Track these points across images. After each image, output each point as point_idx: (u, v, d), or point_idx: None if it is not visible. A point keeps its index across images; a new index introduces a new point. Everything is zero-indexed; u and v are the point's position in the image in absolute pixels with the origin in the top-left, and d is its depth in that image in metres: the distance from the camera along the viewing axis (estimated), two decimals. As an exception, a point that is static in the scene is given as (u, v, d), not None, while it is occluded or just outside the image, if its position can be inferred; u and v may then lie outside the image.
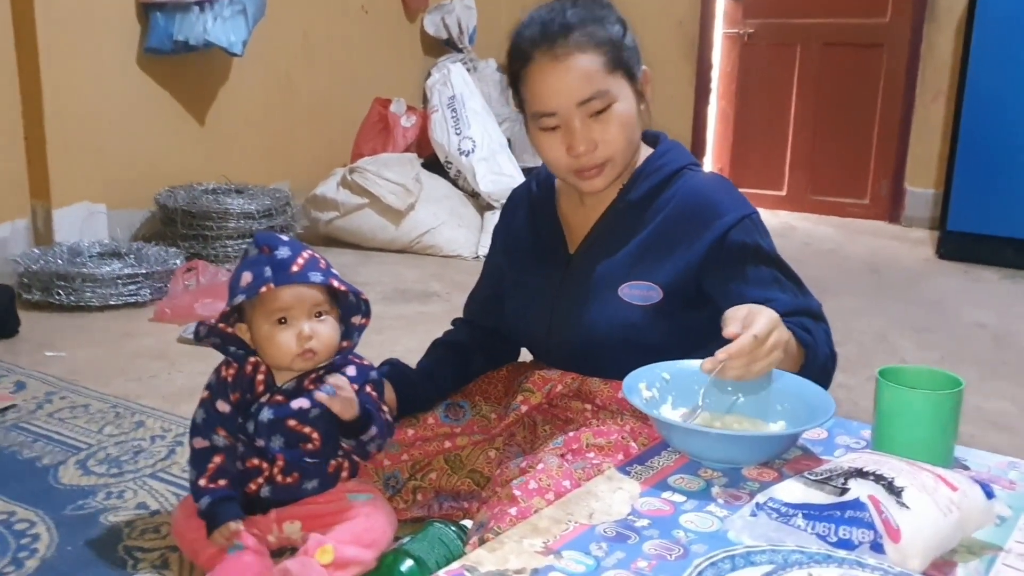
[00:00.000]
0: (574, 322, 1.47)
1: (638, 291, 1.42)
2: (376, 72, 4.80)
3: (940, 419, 1.06)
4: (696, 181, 1.46)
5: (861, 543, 0.85)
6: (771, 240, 1.44)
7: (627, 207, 1.47)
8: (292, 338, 1.38)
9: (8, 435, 2.05)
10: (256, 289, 1.34)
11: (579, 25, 1.37)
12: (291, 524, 1.45)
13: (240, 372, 1.44)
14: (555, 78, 1.37)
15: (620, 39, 1.40)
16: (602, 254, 1.47)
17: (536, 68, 1.38)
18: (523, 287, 1.57)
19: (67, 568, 1.51)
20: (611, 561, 0.88)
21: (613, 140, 1.39)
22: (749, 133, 5.34)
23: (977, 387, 2.46)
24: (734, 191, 1.47)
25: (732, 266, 1.39)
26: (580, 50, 1.36)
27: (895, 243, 4.51)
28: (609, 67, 1.37)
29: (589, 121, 1.38)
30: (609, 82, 1.37)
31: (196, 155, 3.97)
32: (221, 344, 1.44)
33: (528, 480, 1.25)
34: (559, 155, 1.41)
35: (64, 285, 3.02)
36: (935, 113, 4.71)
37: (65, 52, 3.42)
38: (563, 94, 1.37)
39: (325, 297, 1.41)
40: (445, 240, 3.99)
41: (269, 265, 1.36)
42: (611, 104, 1.37)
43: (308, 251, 1.41)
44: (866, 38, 4.90)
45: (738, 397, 1.21)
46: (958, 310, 3.34)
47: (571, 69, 1.36)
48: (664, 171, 1.47)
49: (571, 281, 1.49)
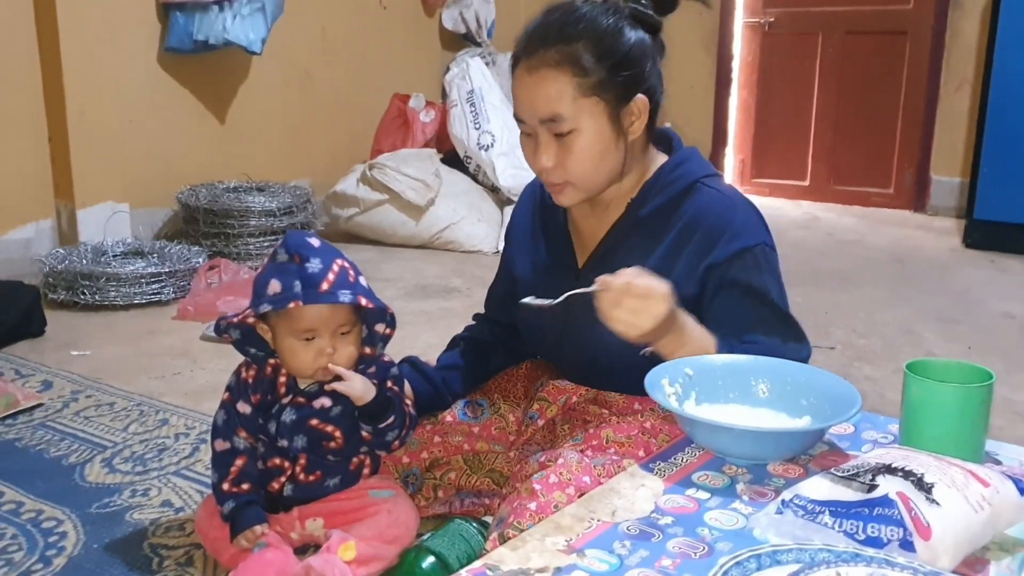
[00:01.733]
0: (585, 340, 1.44)
1: None
2: (395, 68, 4.80)
3: (970, 413, 1.04)
4: (706, 201, 1.39)
5: (890, 541, 0.83)
6: (772, 275, 1.37)
7: (639, 222, 1.42)
8: (313, 355, 1.37)
9: (35, 434, 2.07)
10: (283, 304, 1.32)
11: (562, 40, 1.31)
12: (313, 521, 1.46)
13: (260, 373, 1.44)
14: (523, 89, 1.34)
15: (610, 63, 1.31)
16: (613, 270, 1.39)
17: (516, 73, 1.36)
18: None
19: (94, 566, 1.53)
20: (635, 559, 0.87)
21: (573, 167, 1.34)
22: (771, 123, 5.30)
23: (1005, 379, 2.43)
24: (745, 215, 1.39)
25: (719, 302, 1.35)
26: (551, 67, 1.31)
27: (920, 233, 4.46)
28: (581, 91, 1.31)
29: (553, 140, 1.34)
30: (576, 107, 1.31)
31: (217, 154, 3.99)
32: (241, 343, 1.43)
33: (548, 474, 1.24)
34: (531, 161, 1.39)
35: (88, 284, 3.05)
36: (960, 101, 4.65)
37: (87, 53, 3.45)
38: (527, 107, 1.34)
39: (352, 316, 1.39)
40: (465, 235, 3.99)
41: (299, 279, 1.33)
42: (573, 131, 1.32)
43: (339, 261, 1.37)
44: (889, 25, 4.85)
45: (762, 391, 1.20)
46: (985, 300, 3.30)
47: (538, 84, 1.32)
48: (677, 185, 1.41)
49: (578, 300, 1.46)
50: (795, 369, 1.21)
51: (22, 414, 2.17)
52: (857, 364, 2.54)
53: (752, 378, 1.21)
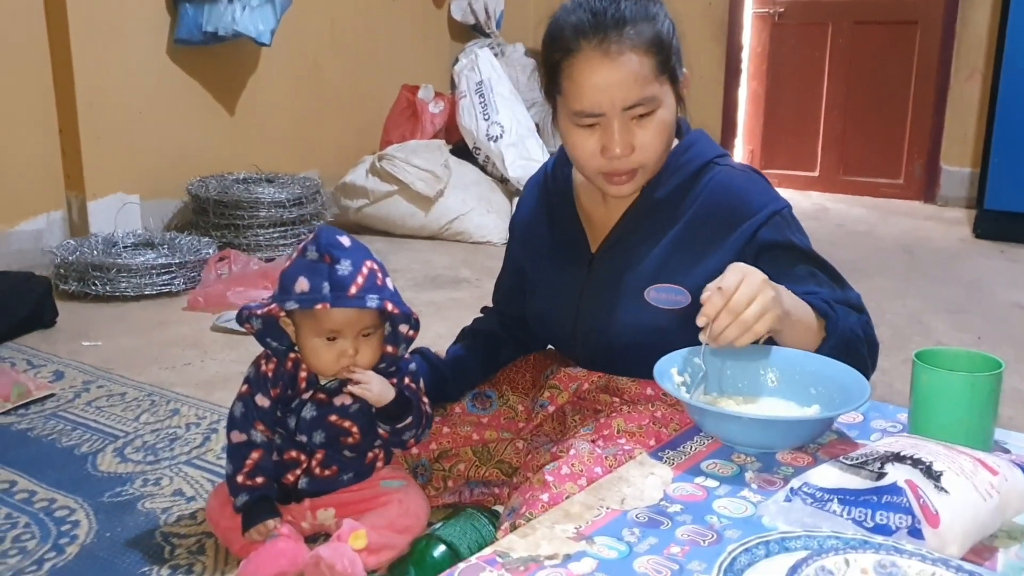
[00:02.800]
0: (600, 326, 1.43)
1: (665, 295, 1.37)
2: (404, 59, 4.80)
3: (979, 402, 1.04)
4: (724, 177, 1.39)
5: (899, 528, 0.83)
6: (804, 235, 1.39)
7: (653, 205, 1.41)
8: (335, 355, 1.37)
9: (47, 423, 2.08)
10: (311, 304, 1.32)
11: (633, 21, 1.29)
12: (325, 512, 1.47)
13: (280, 367, 1.44)
14: (603, 76, 1.28)
15: (670, 40, 1.32)
16: (627, 255, 1.42)
17: (583, 60, 1.29)
18: (544, 287, 1.52)
19: (106, 554, 1.54)
20: (644, 547, 0.88)
21: (650, 146, 1.33)
22: (780, 114, 5.28)
23: (1015, 368, 2.42)
24: (764, 185, 1.41)
25: (765, 266, 1.32)
26: (633, 49, 1.28)
27: (930, 223, 4.44)
28: (658, 70, 1.30)
29: (630, 124, 1.31)
30: (656, 87, 1.30)
31: (227, 145, 4.00)
32: (261, 334, 1.43)
33: (560, 465, 1.24)
34: (591, 155, 1.34)
35: (99, 275, 3.07)
36: (970, 91, 4.62)
37: (97, 45, 3.46)
38: (610, 95, 1.28)
39: (376, 319, 1.39)
40: (474, 226, 3.99)
41: (328, 281, 1.32)
42: (655, 110, 1.31)
43: (368, 263, 1.36)
44: (899, 15, 4.82)
45: (771, 380, 1.20)
46: (995, 290, 3.29)
47: (622, 69, 1.27)
48: (692, 166, 1.40)
49: (595, 283, 1.44)
50: (804, 358, 1.21)
51: (34, 404, 2.18)
52: (866, 354, 2.53)
53: (761, 367, 1.21)
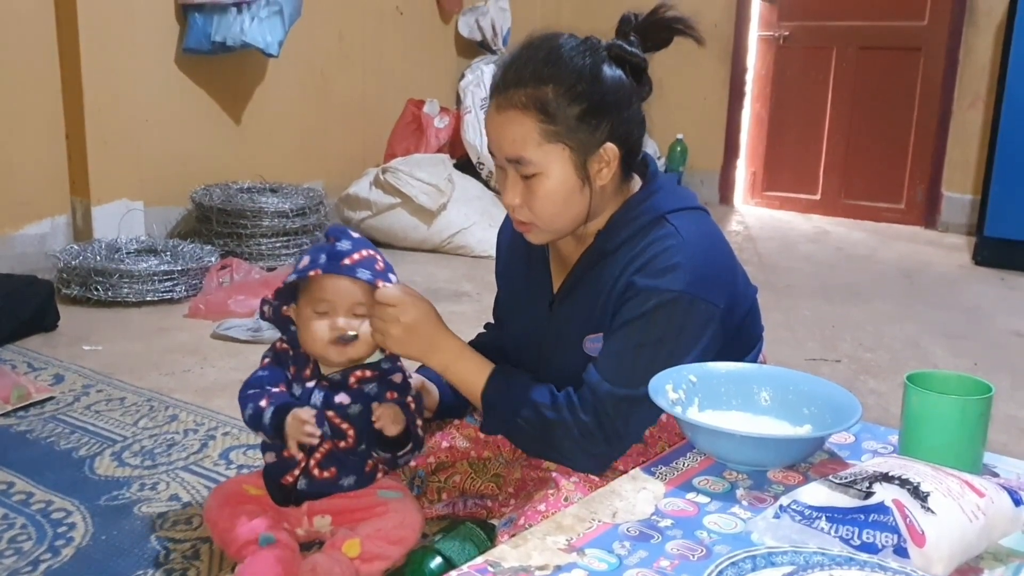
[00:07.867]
0: (552, 369, 1.43)
1: (597, 345, 1.36)
2: (410, 73, 4.84)
3: (968, 424, 1.06)
4: (667, 240, 1.30)
5: (885, 547, 0.84)
6: (673, 329, 1.27)
7: (599, 257, 1.38)
8: (326, 327, 1.39)
9: (46, 426, 2.09)
10: (306, 272, 1.38)
11: (533, 81, 1.27)
12: (322, 518, 1.47)
13: (295, 351, 1.47)
14: (492, 126, 1.32)
15: (579, 109, 1.27)
16: (574, 303, 1.41)
17: (488, 108, 1.34)
18: (513, 323, 1.57)
19: (101, 557, 1.55)
20: (634, 560, 0.89)
21: (537, 209, 1.32)
22: (783, 136, 5.31)
23: (1011, 395, 2.43)
24: (693, 260, 1.29)
25: (610, 334, 1.32)
26: (519, 109, 1.28)
27: (930, 249, 4.46)
28: (547, 137, 1.27)
29: (520, 178, 1.31)
30: (541, 152, 1.28)
31: (232, 154, 4.03)
32: (274, 322, 1.48)
33: (559, 478, 1.28)
34: (503, 193, 1.36)
35: (102, 281, 3.08)
36: (973, 118, 4.65)
37: (106, 52, 3.49)
38: (497, 144, 1.32)
39: (368, 299, 1.41)
40: (476, 240, 4.01)
41: (325, 253, 1.39)
42: (537, 174, 1.29)
43: (371, 251, 1.42)
44: (903, 41, 4.85)
45: (764, 399, 1.21)
46: (993, 317, 3.30)
47: (505, 125, 1.30)
48: (643, 220, 1.34)
49: (551, 328, 1.44)
50: (797, 378, 1.22)
51: (34, 407, 2.19)
52: (863, 377, 2.54)
53: (755, 386, 1.23)
